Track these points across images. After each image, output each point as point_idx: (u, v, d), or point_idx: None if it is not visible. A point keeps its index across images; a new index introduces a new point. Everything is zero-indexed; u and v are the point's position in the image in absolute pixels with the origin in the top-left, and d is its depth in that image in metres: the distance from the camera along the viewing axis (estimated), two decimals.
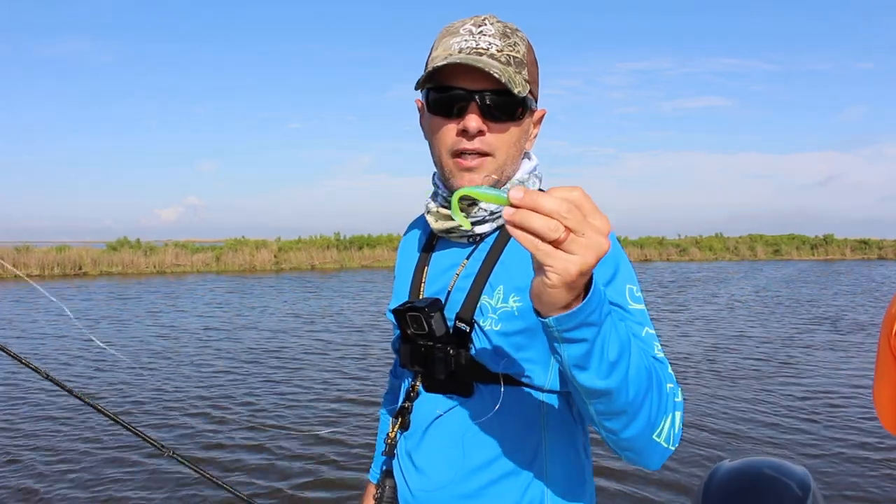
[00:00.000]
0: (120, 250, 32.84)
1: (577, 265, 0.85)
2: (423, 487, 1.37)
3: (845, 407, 7.59)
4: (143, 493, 5.21)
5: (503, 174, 1.33)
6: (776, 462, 1.97)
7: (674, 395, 1.15)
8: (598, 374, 0.98)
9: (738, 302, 19.08)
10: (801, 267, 36.91)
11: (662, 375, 1.13)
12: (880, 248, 47.90)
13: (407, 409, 1.43)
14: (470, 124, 1.25)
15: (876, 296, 20.75)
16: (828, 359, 10.45)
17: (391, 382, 1.83)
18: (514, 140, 1.32)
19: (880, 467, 5.66)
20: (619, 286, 1.25)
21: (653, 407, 1.08)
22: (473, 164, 1.29)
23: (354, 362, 10.26)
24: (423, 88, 1.33)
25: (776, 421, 7.04)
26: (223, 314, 16.35)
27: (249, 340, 12.34)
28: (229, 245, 35.91)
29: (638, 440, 1.10)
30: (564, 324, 0.93)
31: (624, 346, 1.00)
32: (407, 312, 1.32)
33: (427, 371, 1.38)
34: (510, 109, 1.28)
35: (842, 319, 15.25)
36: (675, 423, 1.14)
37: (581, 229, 0.84)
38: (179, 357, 10.65)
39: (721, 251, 47.14)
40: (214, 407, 7.64)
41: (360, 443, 6.33)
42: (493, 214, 1.35)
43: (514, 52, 1.28)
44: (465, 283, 1.36)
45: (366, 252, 38.56)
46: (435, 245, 1.49)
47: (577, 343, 0.95)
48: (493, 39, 1.28)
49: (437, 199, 1.43)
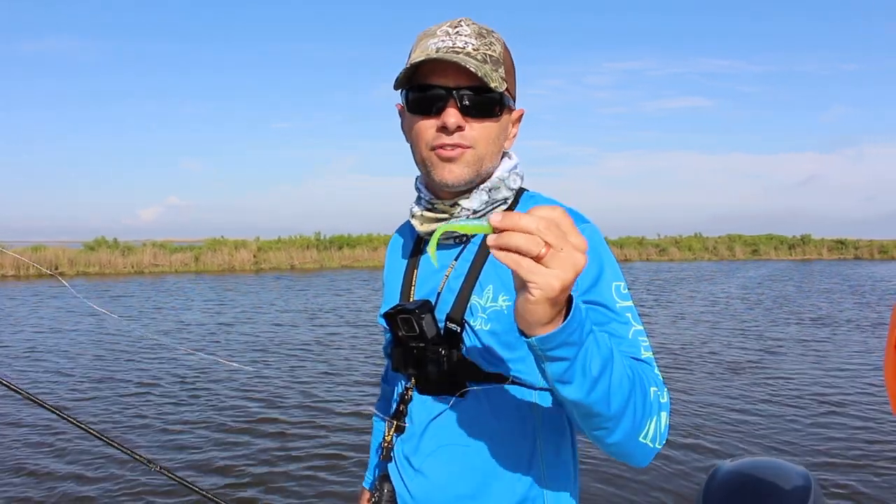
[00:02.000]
0: (97, 250, 32.45)
1: (559, 279, 0.89)
2: (422, 489, 1.37)
3: (841, 405, 7.66)
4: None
5: (482, 167, 1.34)
6: (777, 462, 1.97)
7: (658, 397, 1.18)
8: (580, 388, 1.03)
9: (718, 300, 19.22)
10: (779, 267, 37.24)
11: (647, 379, 1.16)
12: (856, 248, 48.43)
13: (402, 412, 1.43)
14: (448, 120, 1.27)
15: (860, 293, 20.99)
16: (811, 355, 10.56)
17: (383, 389, 1.83)
18: (494, 136, 1.34)
19: (880, 467, 5.71)
20: (605, 284, 1.27)
21: (636, 413, 1.11)
22: (453, 154, 1.31)
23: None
24: (403, 89, 1.36)
25: (771, 417, 7.08)
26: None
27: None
28: (208, 245, 35.57)
29: (623, 444, 1.14)
30: (546, 343, 0.98)
31: (606, 361, 1.04)
32: (398, 315, 1.33)
33: (420, 373, 1.39)
34: (488, 106, 1.30)
35: (824, 317, 15.44)
36: (661, 423, 1.17)
37: (559, 244, 0.89)
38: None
39: (700, 251, 47.47)
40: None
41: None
42: (476, 213, 1.37)
43: (489, 51, 1.31)
44: (454, 284, 1.38)
45: (346, 252, 38.38)
46: (423, 248, 1.51)
47: (560, 361, 1.00)
48: (469, 39, 1.30)
49: (420, 203, 1.44)
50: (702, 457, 5.92)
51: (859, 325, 14.33)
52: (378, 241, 39.73)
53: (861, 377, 9.10)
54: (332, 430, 6.78)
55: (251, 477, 5.55)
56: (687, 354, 10.81)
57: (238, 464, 5.83)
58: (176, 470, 5.39)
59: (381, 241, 39.87)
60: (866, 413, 7.29)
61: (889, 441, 6.34)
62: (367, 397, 8.11)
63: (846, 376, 9.18)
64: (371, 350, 11.30)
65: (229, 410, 7.49)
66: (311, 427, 6.88)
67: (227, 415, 7.31)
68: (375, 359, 10.45)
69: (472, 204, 1.37)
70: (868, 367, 9.79)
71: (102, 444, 6.18)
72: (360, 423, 6.92)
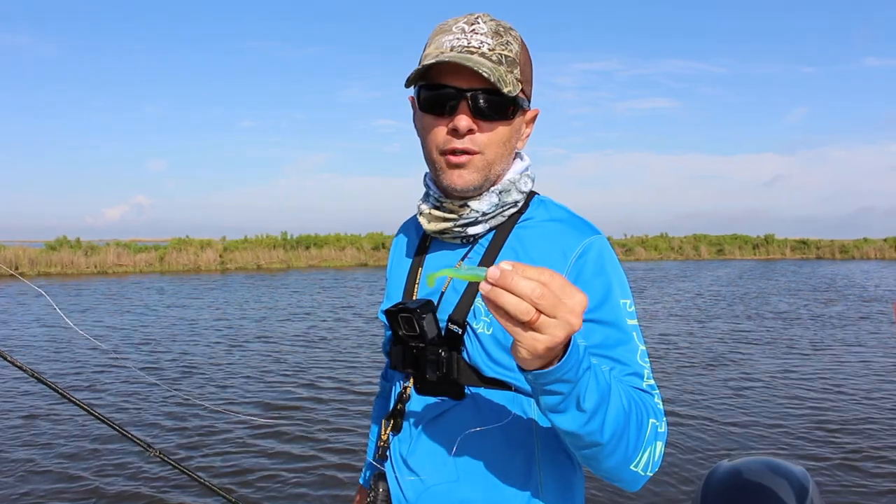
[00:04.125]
0: (59, 250, 31.80)
1: (545, 343, 0.90)
2: (416, 490, 1.35)
3: (837, 405, 7.72)
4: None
5: (491, 171, 1.32)
6: (775, 462, 1.96)
7: (655, 428, 1.17)
8: (573, 421, 1.04)
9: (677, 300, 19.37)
10: (746, 266, 37.77)
11: (646, 411, 1.16)
12: (818, 247, 49.40)
13: (399, 411, 1.41)
14: (460, 123, 1.25)
15: (818, 290, 21.30)
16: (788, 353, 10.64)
17: (382, 386, 1.81)
18: (505, 139, 1.31)
19: (879, 466, 5.73)
20: (614, 303, 1.27)
21: (629, 446, 1.11)
22: (462, 160, 1.29)
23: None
24: (415, 86, 1.33)
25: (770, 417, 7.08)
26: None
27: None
28: (173, 245, 35.07)
29: (613, 471, 1.15)
30: (541, 379, 0.99)
31: (603, 396, 1.05)
32: (399, 313, 1.31)
33: (418, 373, 1.37)
34: (501, 109, 1.28)
35: (788, 315, 15.63)
36: (655, 453, 1.17)
37: (553, 312, 0.88)
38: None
39: (666, 251, 48.01)
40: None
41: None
42: (485, 216, 1.35)
43: (506, 51, 1.27)
44: (459, 285, 1.36)
45: (313, 252, 38.14)
46: (428, 246, 1.48)
47: (554, 395, 1.01)
48: (485, 38, 1.27)
49: (428, 200, 1.42)
50: (700, 456, 5.91)
51: (843, 322, 14.55)
52: (345, 241, 39.60)
53: (860, 374, 9.22)
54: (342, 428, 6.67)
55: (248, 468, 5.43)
56: (685, 354, 10.86)
57: (244, 458, 5.73)
58: (171, 454, 5.36)
59: (347, 240, 39.75)
60: (866, 412, 7.32)
61: (888, 440, 6.38)
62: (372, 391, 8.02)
63: (844, 374, 9.27)
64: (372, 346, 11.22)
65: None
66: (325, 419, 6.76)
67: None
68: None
69: (482, 206, 1.34)
70: (861, 362, 9.90)
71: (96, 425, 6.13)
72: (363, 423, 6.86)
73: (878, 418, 7.09)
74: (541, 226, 1.36)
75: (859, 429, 6.75)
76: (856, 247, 48.58)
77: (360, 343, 11.95)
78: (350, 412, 7.35)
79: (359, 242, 39.95)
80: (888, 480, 5.44)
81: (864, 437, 6.49)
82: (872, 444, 6.27)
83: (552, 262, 1.28)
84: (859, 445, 6.22)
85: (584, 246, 1.30)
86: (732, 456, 2.16)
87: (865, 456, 5.97)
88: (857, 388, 8.37)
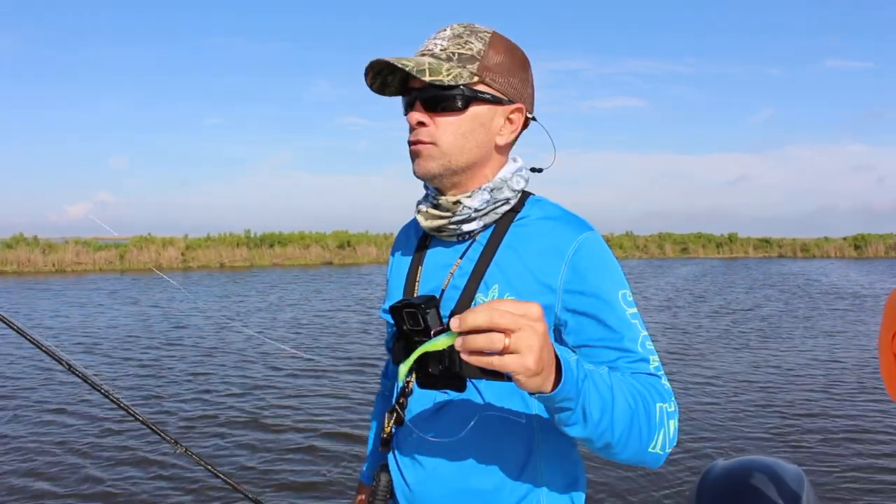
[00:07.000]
0: (15, 248, 31.07)
1: (530, 357, 0.94)
2: (419, 480, 1.41)
3: (834, 403, 7.77)
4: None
5: (452, 161, 1.37)
6: (770, 461, 1.97)
7: (664, 411, 1.22)
8: (582, 430, 1.11)
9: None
10: (712, 264, 38.30)
11: (652, 397, 1.22)
12: (780, 246, 50.26)
13: (402, 404, 1.46)
14: (410, 118, 1.36)
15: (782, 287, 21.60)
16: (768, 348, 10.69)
17: (383, 384, 1.85)
18: (462, 130, 1.35)
19: (876, 466, 5.71)
20: (613, 295, 1.32)
21: (642, 435, 1.17)
22: (417, 149, 1.37)
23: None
24: (400, 95, 1.42)
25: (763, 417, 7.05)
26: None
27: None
28: (134, 242, 34.46)
29: (632, 459, 1.21)
30: (547, 402, 1.06)
31: (606, 403, 1.11)
32: (403, 309, 1.29)
33: (421, 367, 1.35)
34: (446, 100, 1.33)
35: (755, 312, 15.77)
36: (669, 431, 1.23)
37: (515, 325, 0.92)
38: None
39: (631, 249, 48.41)
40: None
41: None
42: (477, 212, 1.39)
43: (461, 49, 1.33)
44: (459, 282, 1.40)
45: (277, 250, 37.74)
46: (428, 244, 1.53)
47: (565, 411, 1.08)
48: (442, 41, 1.35)
49: (427, 199, 1.47)
50: (695, 455, 5.87)
51: (819, 318, 14.72)
52: (310, 239, 39.26)
53: (850, 372, 9.28)
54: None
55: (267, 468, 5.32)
56: (683, 353, 10.78)
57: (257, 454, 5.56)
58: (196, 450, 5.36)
59: (312, 238, 39.42)
60: (864, 413, 7.31)
61: (885, 440, 6.38)
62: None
63: (837, 375, 9.33)
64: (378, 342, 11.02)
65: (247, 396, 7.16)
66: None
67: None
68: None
69: (474, 203, 1.39)
70: (839, 361, 9.97)
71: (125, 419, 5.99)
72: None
73: (873, 416, 7.10)
74: (536, 223, 1.41)
75: (852, 426, 6.75)
76: (816, 245, 49.47)
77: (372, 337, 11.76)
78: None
79: (324, 240, 39.60)
80: (883, 475, 5.45)
81: (858, 434, 6.49)
82: (868, 444, 6.25)
83: (548, 258, 1.34)
84: (855, 446, 6.19)
85: (580, 242, 1.34)
86: (728, 455, 2.09)
87: (860, 454, 5.96)
88: (848, 388, 8.37)
